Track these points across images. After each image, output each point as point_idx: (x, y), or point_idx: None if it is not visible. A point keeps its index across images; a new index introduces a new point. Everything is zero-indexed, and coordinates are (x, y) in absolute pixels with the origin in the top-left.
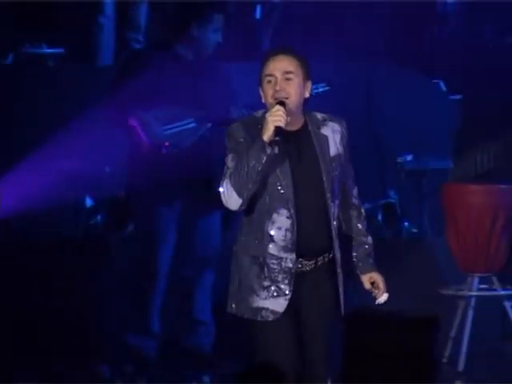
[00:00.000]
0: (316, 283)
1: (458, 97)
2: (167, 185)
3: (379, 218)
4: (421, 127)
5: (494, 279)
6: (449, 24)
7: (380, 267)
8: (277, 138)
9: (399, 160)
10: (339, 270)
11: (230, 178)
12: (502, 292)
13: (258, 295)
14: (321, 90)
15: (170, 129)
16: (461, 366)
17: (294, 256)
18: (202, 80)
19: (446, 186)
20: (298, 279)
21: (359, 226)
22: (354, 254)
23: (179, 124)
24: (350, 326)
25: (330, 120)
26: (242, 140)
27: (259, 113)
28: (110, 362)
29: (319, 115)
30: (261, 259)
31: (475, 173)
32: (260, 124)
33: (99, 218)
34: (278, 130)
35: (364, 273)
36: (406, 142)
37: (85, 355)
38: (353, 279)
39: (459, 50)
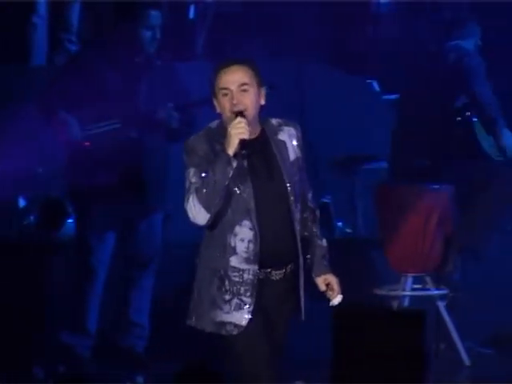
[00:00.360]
0: (285, 291)
1: (391, 97)
2: (105, 185)
3: None
4: (354, 127)
5: (428, 279)
6: (382, 24)
7: None
8: (243, 152)
9: (333, 160)
10: (301, 275)
11: (197, 194)
12: (436, 292)
13: (220, 309)
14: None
15: (93, 129)
16: None
17: (256, 267)
18: (139, 80)
19: (380, 187)
20: (266, 289)
21: (314, 228)
22: (309, 256)
23: (103, 125)
24: (338, 325)
25: (285, 125)
26: (201, 153)
27: (214, 123)
28: (45, 361)
29: (274, 121)
30: (222, 272)
31: (409, 172)
32: (217, 135)
33: (32, 218)
34: (243, 143)
35: (319, 275)
36: (340, 141)
37: (20, 355)
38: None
39: (393, 49)
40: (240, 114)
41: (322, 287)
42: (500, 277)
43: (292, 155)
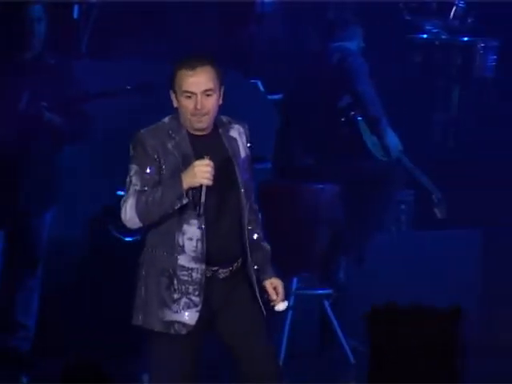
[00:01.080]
0: (232, 289)
1: (276, 96)
2: None
3: None
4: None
5: (313, 278)
6: (266, 24)
7: None
8: (202, 201)
9: None
10: (253, 271)
11: (136, 204)
12: (320, 291)
13: (169, 308)
14: None
15: None
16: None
17: (203, 266)
18: (25, 78)
19: (262, 186)
20: (213, 288)
21: (257, 231)
22: (254, 259)
23: None
24: (374, 324)
25: (235, 123)
26: (150, 151)
27: (167, 119)
28: None
29: (224, 118)
30: (170, 271)
31: (294, 172)
32: (171, 130)
33: None
34: (205, 188)
35: (265, 278)
36: None
37: None
38: None
39: (277, 49)
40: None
41: (270, 291)
42: (383, 276)
43: (243, 153)
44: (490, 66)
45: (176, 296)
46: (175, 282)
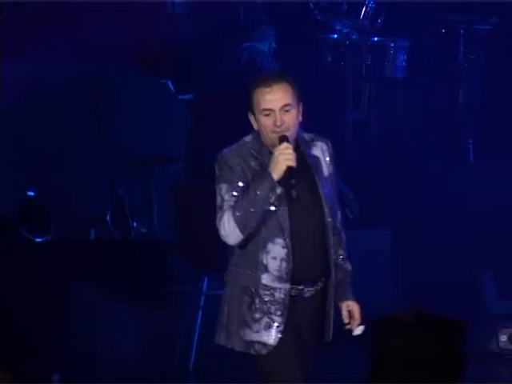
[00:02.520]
0: (314, 310)
1: (187, 96)
2: None
3: (108, 218)
4: (150, 127)
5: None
6: (177, 24)
7: (108, 267)
8: (292, 181)
9: (129, 160)
10: (331, 293)
11: (234, 214)
12: None
13: (249, 328)
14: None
15: None
16: (191, 366)
17: (288, 286)
18: None
19: (174, 186)
20: (298, 306)
21: (341, 251)
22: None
23: None
24: (377, 333)
25: (317, 140)
26: (236, 168)
27: (249, 137)
28: None
29: (306, 136)
30: (253, 290)
31: (206, 172)
32: (252, 149)
33: None
34: (290, 170)
35: (342, 300)
36: (137, 142)
37: None
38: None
39: (187, 49)
40: (285, 138)
41: (344, 314)
42: None
43: (326, 171)
44: (401, 66)
45: (257, 315)
46: (257, 301)
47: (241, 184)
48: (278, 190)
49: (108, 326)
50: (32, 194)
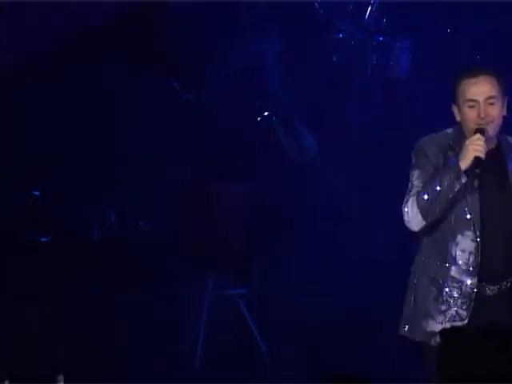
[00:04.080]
0: (496, 309)
1: (191, 96)
2: None
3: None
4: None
5: (228, 279)
6: (182, 24)
7: (112, 268)
8: (477, 171)
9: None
10: None
11: (418, 200)
12: (236, 291)
13: (433, 319)
14: None
15: None
16: (197, 365)
17: (475, 280)
18: None
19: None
20: (477, 304)
21: None
22: None
23: None
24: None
25: None
26: (432, 156)
27: (451, 129)
28: None
29: (510, 139)
30: (440, 281)
31: (212, 172)
32: (452, 141)
33: None
34: (478, 161)
35: None
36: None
37: None
38: None
39: (194, 50)
40: (480, 130)
41: None
42: (298, 277)
43: None
44: (405, 66)
45: (443, 307)
46: (444, 292)
47: (433, 171)
48: (463, 179)
49: (112, 326)
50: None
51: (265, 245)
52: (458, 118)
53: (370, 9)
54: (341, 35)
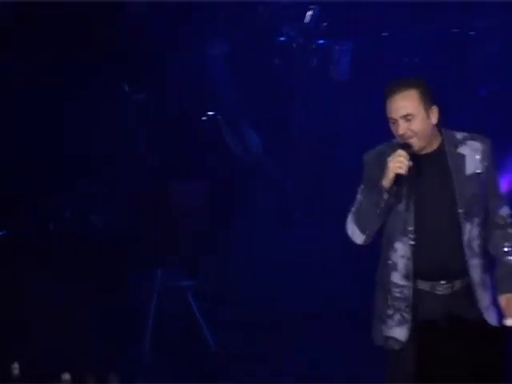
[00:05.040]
0: (451, 307)
1: (141, 96)
2: None
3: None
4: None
5: (177, 271)
6: (130, 25)
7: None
8: (394, 188)
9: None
10: (478, 292)
11: (354, 215)
12: (185, 283)
13: (385, 323)
14: None
15: None
16: (145, 355)
17: (412, 284)
18: None
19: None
20: (430, 303)
21: (504, 245)
22: (496, 273)
23: None
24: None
25: (472, 139)
26: (374, 171)
27: (396, 139)
28: None
29: (459, 135)
30: (387, 287)
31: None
32: (393, 150)
33: None
34: (398, 178)
35: (502, 292)
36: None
37: None
38: None
39: (142, 50)
40: (405, 145)
41: (503, 304)
42: (244, 271)
43: (470, 169)
44: (345, 68)
45: (390, 312)
46: (389, 297)
47: (368, 186)
48: (385, 196)
49: (62, 317)
50: None
51: (213, 240)
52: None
53: (310, 12)
54: (282, 38)
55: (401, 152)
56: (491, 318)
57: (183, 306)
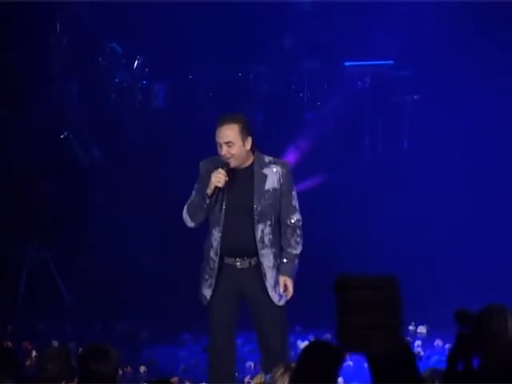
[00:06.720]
0: (249, 277)
1: (17, 120)
2: None
3: None
4: None
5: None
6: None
7: None
8: (214, 196)
9: None
10: (266, 271)
11: (188, 206)
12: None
13: (202, 285)
14: None
15: None
16: (17, 316)
17: (218, 259)
18: None
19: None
20: (234, 273)
21: (291, 239)
22: (280, 260)
23: None
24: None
25: (274, 163)
26: (203, 173)
27: None
28: None
29: (267, 158)
30: (206, 260)
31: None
32: (220, 163)
33: None
34: (217, 188)
35: (281, 274)
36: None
37: None
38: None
39: (15, 82)
40: (225, 164)
41: (281, 285)
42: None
43: (269, 185)
44: (162, 101)
45: (206, 277)
46: (207, 267)
47: (201, 185)
48: (207, 201)
49: None
50: None
51: (71, 222)
52: None
53: (136, 61)
54: (117, 80)
55: (221, 170)
56: (274, 298)
57: (48, 272)
